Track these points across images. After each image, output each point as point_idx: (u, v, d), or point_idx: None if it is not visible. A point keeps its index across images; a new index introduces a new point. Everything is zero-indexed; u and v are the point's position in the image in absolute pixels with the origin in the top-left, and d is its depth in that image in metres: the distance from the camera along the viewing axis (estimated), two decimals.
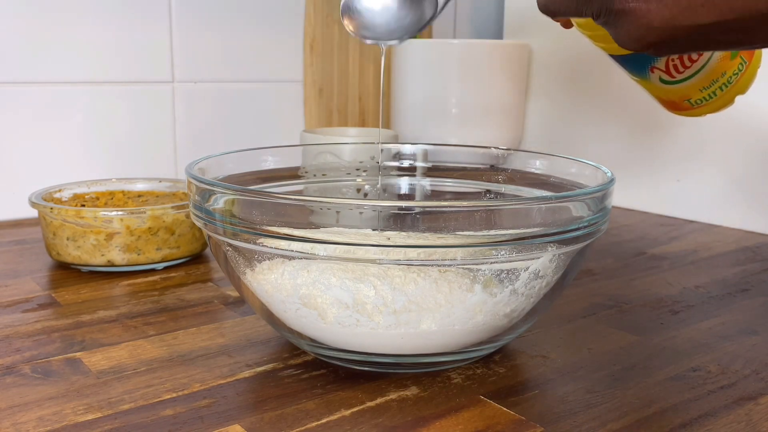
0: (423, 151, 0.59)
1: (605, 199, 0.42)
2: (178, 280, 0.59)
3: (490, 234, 0.38)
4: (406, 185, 0.59)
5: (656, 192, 0.87)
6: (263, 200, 0.40)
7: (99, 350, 0.45)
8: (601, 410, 0.39)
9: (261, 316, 0.45)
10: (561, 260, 0.41)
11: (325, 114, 0.99)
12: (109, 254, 0.59)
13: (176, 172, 0.89)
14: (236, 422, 0.37)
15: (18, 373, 0.42)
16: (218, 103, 0.92)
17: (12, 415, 0.37)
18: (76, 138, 0.82)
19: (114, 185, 0.70)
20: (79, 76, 0.82)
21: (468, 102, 0.87)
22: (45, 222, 0.60)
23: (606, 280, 0.61)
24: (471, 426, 0.37)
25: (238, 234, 0.40)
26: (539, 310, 0.44)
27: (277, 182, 0.55)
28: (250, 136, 0.94)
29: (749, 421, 0.38)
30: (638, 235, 0.77)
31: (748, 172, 0.78)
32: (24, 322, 0.50)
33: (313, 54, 0.97)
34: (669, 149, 0.85)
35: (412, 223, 0.42)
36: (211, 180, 0.43)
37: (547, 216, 0.39)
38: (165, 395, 0.39)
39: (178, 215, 0.61)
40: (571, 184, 0.50)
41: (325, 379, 0.42)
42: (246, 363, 0.44)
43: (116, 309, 0.53)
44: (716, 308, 0.55)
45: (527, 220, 0.39)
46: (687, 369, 0.44)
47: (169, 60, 0.87)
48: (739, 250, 0.71)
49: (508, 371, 0.43)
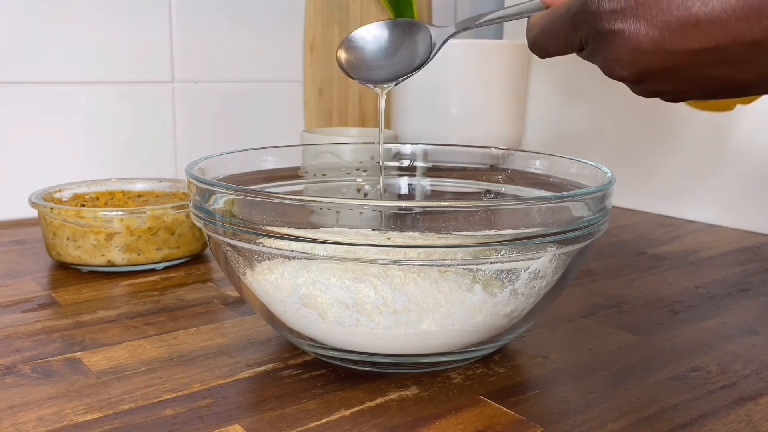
0: (423, 151, 0.59)
1: (605, 199, 0.42)
2: (178, 280, 0.59)
3: (490, 234, 0.38)
4: (406, 185, 0.59)
5: (656, 192, 0.87)
6: (263, 200, 0.40)
7: (99, 350, 0.45)
8: (601, 410, 0.39)
9: (261, 316, 0.45)
10: (561, 260, 0.41)
11: (325, 114, 0.99)
12: (109, 254, 0.59)
13: (176, 172, 0.89)
14: (236, 422, 0.37)
15: (18, 373, 0.42)
16: (218, 103, 0.92)
17: (12, 415, 0.37)
18: (76, 138, 0.82)
19: (114, 185, 0.70)
20: (79, 76, 0.82)
21: (468, 102, 0.87)
22: (45, 222, 0.60)
23: (606, 280, 0.61)
24: (471, 426, 0.37)
25: (238, 234, 0.40)
26: (539, 310, 0.44)
27: (277, 182, 0.55)
28: (250, 136, 0.94)
29: (749, 421, 0.38)
30: (638, 235, 0.77)
31: (749, 172, 0.78)
32: (24, 322, 0.50)
33: (313, 54, 0.97)
34: (669, 149, 0.85)
35: (412, 223, 0.42)
36: (211, 180, 0.43)
37: (547, 216, 0.39)
38: (165, 395, 0.39)
39: (178, 215, 0.61)
40: (571, 184, 0.50)
41: (325, 379, 0.42)
42: (246, 363, 0.44)
43: (116, 309, 0.53)
44: (716, 308, 0.55)
45: (527, 220, 0.39)
46: (687, 369, 0.44)
47: (169, 60, 0.87)
48: (739, 250, 0.71)
49: (508, 371, 0.43)
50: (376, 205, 0.40)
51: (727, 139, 0.80)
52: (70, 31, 0.80)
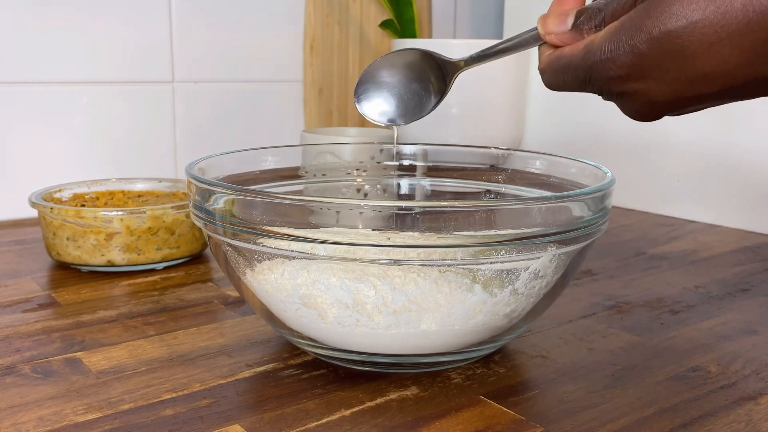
0: (423, 151, 0.59)
1: (605, 199, 0.42)
2: (178, 280, 0.59)
3: (490, 234, 0.38)
4: (406, 185, 0.59)
5: (656, 192, 0.87)
6: (263, 200, 0.40)
7: (99, 350, 0.45)
8: (601, 410, 0.39)
9: (261, 316, 0.45)
10: (561, 260, 0.41)
11: (325, 114, 0.99)
12: (109, 254, 0.59)
13: (176, 172, 0.89)
14: (236, 422, 0.37)
15: (18, 373, 0.42)
16: (218, 103, 0.92)
17: (12, 415, 0.37)
18: (76, 138, 0.82)
19: (114, 185, 0.70)
20: (79, 76, 0.82)
21: (468, 102, 0.87)
22: (45, 222, 0.60)
23: (606, 280, 0.61)
24: (471, 426, 0.37)
25: (238, 234, 0.40)
26: (539, 310, 0.44)
27: (277, 182, 0.55)
28: (250, 136, 0.94)
29: (749, 421, 0.38)
30: (638, 235, 0.77)
31: (749, 172, 0.78)
32: (24, 322, 0.50)
33: (313, 54, 0.97)
34: (669, 149, 0.85)
35: (412, 223, 0.42)
36: (212, 180, 0.43)
37: (547, 216, 0.39)
38: (165, 395, 0.39)
39: (178, 215, 0.61)
40: (572, 184, 0.50)
41: (325, 379, 0.42)
42: (246, 363, 0.44)
43: (116, 309, 0.53)
44: (716, 308, 0.55)
45: (527, 220, 0.39)
46: (687, 369, 0.44)
47: (169, 60, 0.87)
48: (739, 250, 0.71)
49: (508, 371, 0.43)
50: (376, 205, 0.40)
51: (727, 139, 0.80)
52: (70, 31, 0.80)
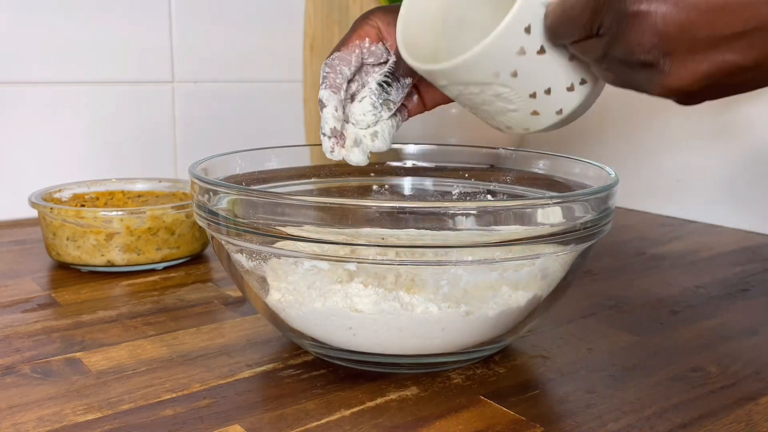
0: (423, 151, 0.59)
1: (608, 199, 0.42)
2: (178, 280, 0.59)
3: (491, 234, 0.38)
4: (408, 185, 0.59)
5: (656, 192, 0.87)
6: (266, 200, 0.40)
7: (99, 350, 0.45)
8: (601, 410, 0.39)
9: (263, 315, 0.45)
10: (564, 261, 0.41)
11: None
12: (109, 254, 0.59)
13: (176, 172, 0.89)
14: (236, 422, 0.37)
15: (18, 373, 0.42)
16: (218, 103, 0.92)
17: (12, 415, 0.37)
18: (76, 138, 0.82)
19: (114, 185, 0.70)
20: (79, 76, 0.82)
21: None
22: (45, 222, 0.60)
23: (606, 280, 0.61)
24: (471, 426, 0.37)
25: (242, 234, 0.40)
26: (540, 310, 0.44)
27: (281, 182, 0.55)
28: (250, 136, 0.94)
29: (749, 421, 0.38)
30: (638, 235, 0.77)
31: (748, 172, 0.78)
32: (24, 322, 0.50)
33: (313, 54, 0.97)
34: (669, 149, 0.85)
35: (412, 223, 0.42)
36: (215, 180, 0.43)
37: (549, 216, 0.39)
38: (165, 395, 0.39)
39: (178, 215, 0.61)
40: (574, 184, 0.50)
41: (325, 379, 0.42)
42: (246, 363, 0.44)
43: (116, 309, 0.53)
44: (716, 308, 0.55)
45: (528, 220, 0.39)
46: (687, 369, 0.44)
47: (169, 60, 0.87)
48: (739, 250, 0.71)
49: (508, 371, 0.43)
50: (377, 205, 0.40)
51: (727, 139, 0.80)
52: (71, 31, 0.80)
